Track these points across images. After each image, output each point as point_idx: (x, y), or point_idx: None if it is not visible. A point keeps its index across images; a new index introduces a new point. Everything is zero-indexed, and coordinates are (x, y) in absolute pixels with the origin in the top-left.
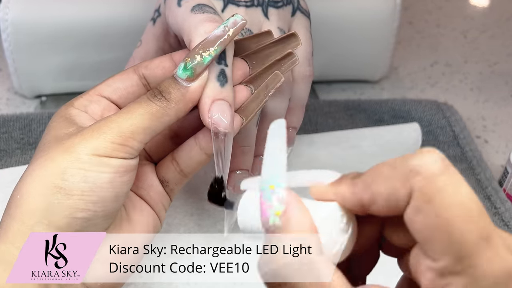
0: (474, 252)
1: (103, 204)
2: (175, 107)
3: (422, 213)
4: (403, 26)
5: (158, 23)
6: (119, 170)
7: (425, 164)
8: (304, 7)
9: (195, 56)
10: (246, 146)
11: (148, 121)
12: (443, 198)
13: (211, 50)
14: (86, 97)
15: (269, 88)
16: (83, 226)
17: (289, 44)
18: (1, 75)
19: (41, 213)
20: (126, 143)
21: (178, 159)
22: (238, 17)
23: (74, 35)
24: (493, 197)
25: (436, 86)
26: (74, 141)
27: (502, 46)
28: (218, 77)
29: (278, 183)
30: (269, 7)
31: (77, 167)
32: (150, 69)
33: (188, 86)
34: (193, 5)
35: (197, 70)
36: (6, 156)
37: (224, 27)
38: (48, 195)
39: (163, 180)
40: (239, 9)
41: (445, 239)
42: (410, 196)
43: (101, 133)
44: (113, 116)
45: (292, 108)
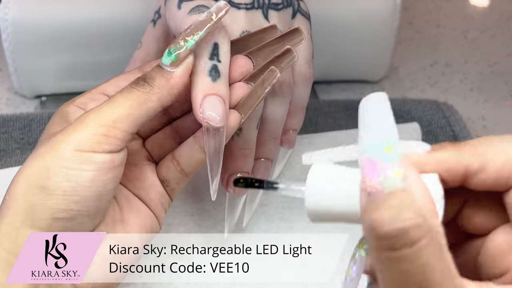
0: None
1: (85, 204)
2: (159, 92)
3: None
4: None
5: (159, 25)
6: (102, 167)
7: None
8: (305, 9)
9: (179, 42)
10: (247, 149)
11: (130, 108)
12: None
13: (194, 34)
14: (88, 95)
15: (266, 84)
16: (66, 226)
17: (293, 39)
18: (1, 75)
19: (25, 214)
20: (109, 133)
21: (178, 158)
22: (221, 2)
23: (74, 35)
24: None
25: (436, 86)
26: (58, 138)
27: (502, 46)
28: (210, 72)
29: (394, 144)
30: (270, 9)
31: (60, 165)
32: None
33: (172, 71)
34: (192, 7)
35: (180, 55)
36: (6, 156)
37: (208, 13)
38: (31, 195)
39: (164, 180)
40: (239, 12)
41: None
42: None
43: (83, 126)
44: (96, 107)
45: (292, 110)
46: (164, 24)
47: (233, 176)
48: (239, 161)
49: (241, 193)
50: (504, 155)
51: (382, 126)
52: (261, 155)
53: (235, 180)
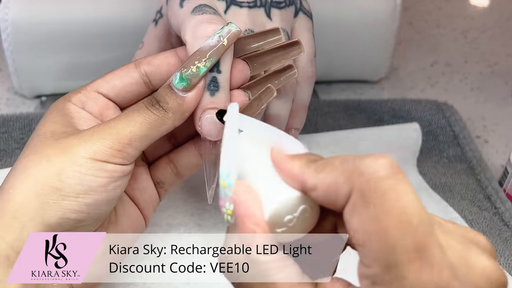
0: (404, 263)
1: (96, 207)
2: (172, 117)
3: (359, 215)
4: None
5: (160, 24)
6: (113, 175)
7: (373, 166)
8: (307, 8)
9: (191, 67)
10: None
11: (146, 129)
12: (384, 202)
13: (206, 61)
14: (83, 92)
15: (262, 101)
16: (74, 226)
17: (292, 51)
18: (1, 75)
19: (35, 211)
20: (124, 149)
21: (175, 162)
22: (233, 26)
23: (74, 35)
24: (493, 197)
25: (436, 86)
26: (72, 143)
27: (502, 46)
28: (209, 86)
29: (228, 181)
30: (272, 8)
31: (74, 170)
32: (153, 66)
33: (184, 96)
34: (194, 6)
35: (192, 81)
36: (6, 156)
37: (219, 36)
38: (43, 195)
39: (159, 182)
40: (242, 10)
41: (378, 245)
42: (349, 195)
43: (100, 138)
44: (113, 122)
45: (295, 109)
46: (165, 23)
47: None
48: None
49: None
50: (332, 175)
51: (224, 155)
52: None
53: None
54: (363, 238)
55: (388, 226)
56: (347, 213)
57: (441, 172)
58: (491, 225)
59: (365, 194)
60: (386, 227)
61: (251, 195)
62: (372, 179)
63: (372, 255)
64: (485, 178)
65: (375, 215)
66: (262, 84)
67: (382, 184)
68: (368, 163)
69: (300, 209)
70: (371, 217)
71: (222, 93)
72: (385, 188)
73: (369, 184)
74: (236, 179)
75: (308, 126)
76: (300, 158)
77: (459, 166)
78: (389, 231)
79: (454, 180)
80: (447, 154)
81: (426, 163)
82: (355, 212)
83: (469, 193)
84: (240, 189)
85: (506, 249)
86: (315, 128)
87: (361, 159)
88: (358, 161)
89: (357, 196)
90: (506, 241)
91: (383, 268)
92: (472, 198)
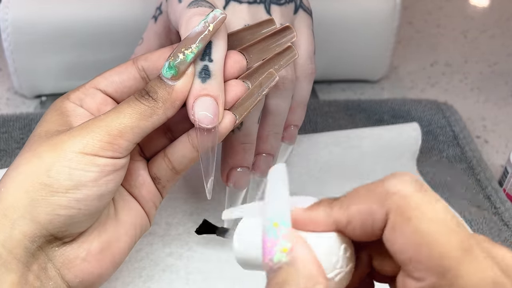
0: (457, 264)
1: (87, 202)
2: (163, 106)
3: (401, 232)
4: (403, 26)
5: (160, 21)
6: (105, 169)
7: (400, 184)
8: (307, 5)
9: (178, 55)
10: (247, 143)
11: (136, 120)
12: (421, 214)
13: (193, 47)
14: (82, 90)
15: (263, 87)
16: (66, 223)
17: (285, 36)
18: (1, 75)
19: (24, 208)
20: (114, 141)
21: (170, 156)
22: (218, 12)
23: (74, 34)
24: (493, 197)
25: (436, 86)
26: (62, 139)
27: (502, 46)
28: (200, 74)
29: (283, 220)
30: (272, 4)
31: (63, 165)
32: (150, 61)
33: (173, 84)
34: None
35: (180, 68)
36: (6, 156)
37: (204, 22)
38: (32, 191)
39: (155, 177)
40: (241, 6)
41: (427, 254)
42: (387, 217)
43: (89, 131)
44: (102, 115)
45: (294, 106)
46: (165, 20)
47: (233, 170)
48: (239, 155)
49: (241, 188)
50: (364, 204)
51: (275, 198)
52: (263, 150)
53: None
54: (411, 253)
55: (433, 233)
56: (388, 234)
57: (440, 172)
58: (491, 225)
59: (403, 210)
60: (432, 235)
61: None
62: (405, 196)
63: (424, 267)
64: (485, 178)
65: (418, 227)
66: (262, 70)
67: (415, 198)
68: (394, 183)
69: (342, 248)
70: (415, 230)
71: (214, 80)
72: (418, 202)
73: (404, 201)
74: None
75: (308, 126)
76: (319, 204)
77: (459, 166)
78: (435, 238)
79: (454, 180)
80: (447, 154)
81: (426, 163)
82: (397, 230)
83: (469, 193)
84: (294, 231)
85: None
86: (315, 128)
87: (387, 182)
88: (387, 184)
89: (396, 214)
90: (506, 241)
91: (438, 275)
92: (471, 198)
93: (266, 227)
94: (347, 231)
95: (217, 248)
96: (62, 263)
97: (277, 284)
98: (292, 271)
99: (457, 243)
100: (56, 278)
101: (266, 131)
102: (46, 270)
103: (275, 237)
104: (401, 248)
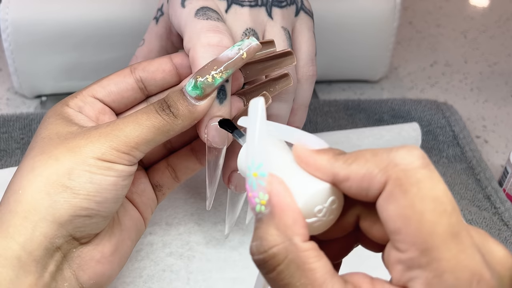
0: (441, 246)
1: (105, 205)
2: (182, 123)
3: (396, 202)
4: (403, 26)
5: (161, 22)
6: (121, 174)
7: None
8: (308, 7)
9: (206, 76)
10: None
11: (153, 134)
12: (419, 190)
13: (223, 72)
14: (80, 97)
15: None
16: (85, 223)
17: (285, 61)
18: (1, 75)
19: (46, 210)
20: (131, 152)
21: (174, 166)
22: (254, 41)
23: (74, 35)
24: (493, 197)
25: (436, 86)
26: (79, 143)
27: (502, 46)
28: (218, 94)
29: (261, 171)
30: (273, 6)
31: (83, 169)
32: (148, 72)
33: (196, 104)
34: (197, 8)
35: (206, 90)
36: (6, 156)
37: (238, 49)
38: (53, 193)
39: (157, 185)
40: (243, 9)
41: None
42: (385, 184)
43: (107, 140)
44: (121, 123)
45: (295, 108)
46: (166, 21)
47: (234, 173)
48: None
49: (242, 190)
50: (366, 166)
51: (254, 146)
52: None
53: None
54: (400, 224)
55: (425, 211)
56: (382, 200)
57: (440, 172)
58: (491, 225)
59: (402, 182)
60: (424, 212)
61: (284, 186)
62: (408, 169)
63: (409, 240)
64: (484, 178)
65: (413, 201)
66: (258, 91)
67: (417, 174)
68: (402, 155)
69: (329, 200)
70: (409, 203)
71: (228, 101)
72: (420, 177)
73: (405, 173)
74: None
75: (308, 126)
76: (325, 152)
77: (459, 166)
78: (426, 216)
79: (454, 180)
80: (447, 154)
81: None
82: (391, 200)
83: (469, 193)
84: (274, 179)
85: None
86: (315, 128)
87: (395, 151)
88: (393, 153)
89: (394, 184)
90: (506, 240)
91: (420, 252)
92: (471, 198)
93: (247, 175)
94: (342, 187)
95: (218, 248)
96: (78, 264)
97: (257, 238)
98: (271, 224)
99: (446, 225)
100: (71, 279)
101: None
102: (62, 271)
103: (255, 188)
104: (392, 218)
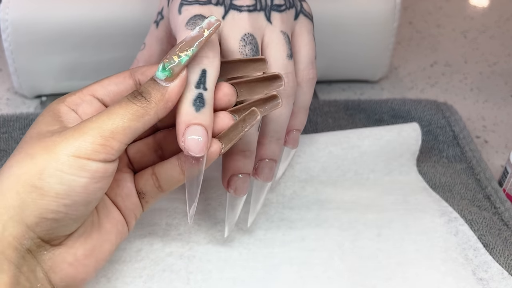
0: None
1: (74, 208)
2: (155, 107)
3: None
4: (403, 26)
5: (161, 26)
6: (95, 175)
7: None
8: (307, 10)
9: (173, 57)
10: (248, 151)
11: (128, 121)
12: None
13: (188, 50)
14: (79, 95)
15: (246, 123)
16: (53, 226)
17: (275, 83)
18: (1, 75)
19: (14, 210)
20: (107, 143)
21: (158, 174)
22: (213, 18)
23: (74, 35)
24: (492, 197)
25: (436, 86)
26: (55, 141)
27: (502, 46)
28: (195, 102)
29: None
30: (272, 11)
31: (55, 168)
32: (146, 77)
33: (167, 86)
34: (190, 16)
35: (175, 70)
36: (6, 156)
37: (200, 28)
38: (23, 193)
39: (141, 192)
40: (241, 14)
41: None
42: None
43: (81, 133)
44: (94, 117)
45: (296, 110)
46: (167, 25)
47: (234, 176)
48: (240, 162)
49: (241, 194)
50: None
51: None
52: (266, 156)
53: None
54: None
55: None
56: None
57: (440, 172)
58: (491, 225)
59: None
60: None
61: None
62: None
63: None
64: (484, 178)
65: None
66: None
67: None
68: None
69: None
70: None
71: (207, 109)
72: None
73: None
74: None
75: (308, 126)
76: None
77: (459, 166)
78: None
79: (454, 180)
80: (447, 154)
81: (426, 163)
82: None
83: (469, 193)
84: None
85: (506, 249)
86: (314, 128)
87: None
88: None
89: None
90: (506, 241)
91: None
92: (471, 198)
93: None
94: None
95: (218, 248)
96: (50, 267)
97: None
98: None
99: None
100: (43, 280)
101: (267, 138)
102: (35, 272)
103: None
104: None
